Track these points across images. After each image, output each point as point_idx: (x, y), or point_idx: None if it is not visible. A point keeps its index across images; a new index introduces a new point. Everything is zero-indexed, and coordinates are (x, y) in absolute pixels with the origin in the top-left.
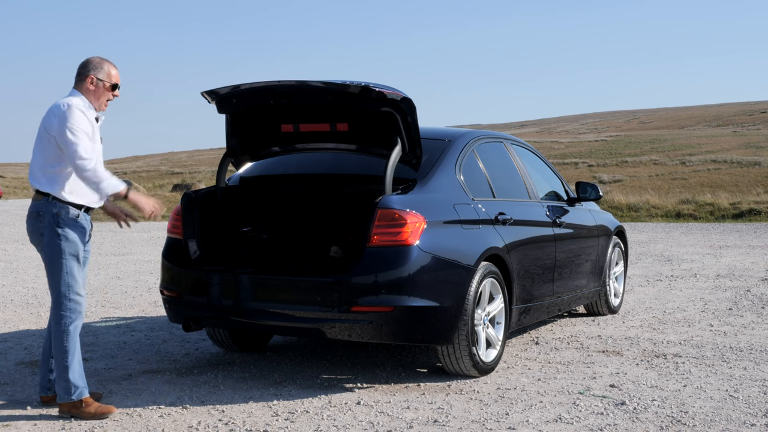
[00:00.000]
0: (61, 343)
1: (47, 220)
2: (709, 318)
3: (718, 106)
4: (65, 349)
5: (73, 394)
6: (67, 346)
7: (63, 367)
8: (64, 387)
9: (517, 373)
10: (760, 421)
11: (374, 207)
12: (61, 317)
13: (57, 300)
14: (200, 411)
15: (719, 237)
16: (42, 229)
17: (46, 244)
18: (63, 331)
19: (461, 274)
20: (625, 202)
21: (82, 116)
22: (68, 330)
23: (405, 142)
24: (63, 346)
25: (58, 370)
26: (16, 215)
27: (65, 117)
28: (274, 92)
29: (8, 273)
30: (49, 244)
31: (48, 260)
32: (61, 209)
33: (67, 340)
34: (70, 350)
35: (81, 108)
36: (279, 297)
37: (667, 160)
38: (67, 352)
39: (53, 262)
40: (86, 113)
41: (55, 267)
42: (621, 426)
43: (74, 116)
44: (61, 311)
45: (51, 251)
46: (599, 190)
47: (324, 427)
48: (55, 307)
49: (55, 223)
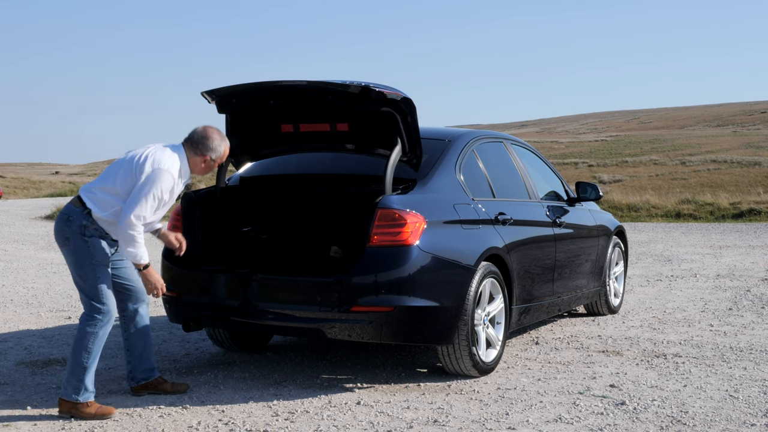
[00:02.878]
0: (87, 344)
1: (75, 228)
2: (709, 318)
3: (718, 106)
4: (89, 351)
5: (81, 396)
6: (92, 348)
7: (81, 368)
8: (75, 386)
9: (517, 373)
10: (760, 421)
11: (374, 207)
12: (92, 320)
13: (88, 304)
14: (200, 411)
15: (719, 237)
16: (69, 234)
17: (74, 249)
18: (92, 333)
19: (461, 274)
20: (625, 202)
21: (171, 183)
22: (98, 333)
23: (405, 142)
24: (88, 347)
25: (74, 369)
26: (16, 215)
27: (156, 178)
28: (273, 92)
29: (8, 273)
30: (76, 251)
31: (77, 265)
32: (91, 224)
33: (93, 342)
34: (93, 353)
35: (176, 175)
36: (279, 297)
37: (667, 160)
38: (90, 354)
39: (82, 267)
40: (177, 181)
41: (85, 272)
42: (621, 426)
43: (164, 182)
44: (94, 314)
45: (80, 257)
46: (599, 190)
47: (324, 427)
48: (87, 310)
49: (81, 232)
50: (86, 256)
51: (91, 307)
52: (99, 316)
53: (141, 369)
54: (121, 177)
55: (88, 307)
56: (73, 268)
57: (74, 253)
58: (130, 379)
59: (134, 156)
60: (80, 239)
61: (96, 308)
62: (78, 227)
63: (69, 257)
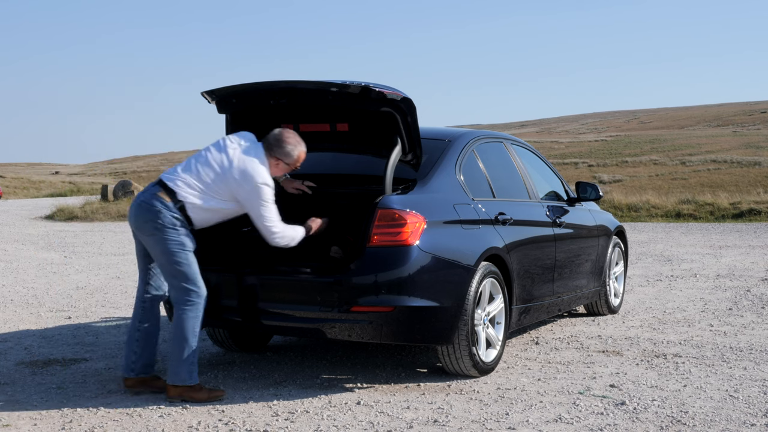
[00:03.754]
0: (195, 326)
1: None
2: (709, 318)
3: (718, 106)
4: (195, 333)
5: (193, 379)
6: (197, 330)
7: (192, 350)
8: (189, 370)
9: (517, 373)
10: (760, 421)
11: (374, 207)
12: (188, 303)
13: (183, 289)
14: (200, 411)
15: (719, 237)
16: (155, 222)
17: (162, 238)
18: (194, 317)
19: (461, 274)
20: (625, 202)
21: (270, 191)
22: (198, 315)
23: (405, 142)
24: (194, 330)
25: (185, 353)
26: (16, 215)
27: (260, 192)
28: (274, 92)
29: (8, 273)
30: (164, 239)
31: (166, 253)
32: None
33: (196, 324)
34: (198, 334)
35: (271, 183)
36: (279, 297)
37: (667, 160)
38: (196, 336)
39: (172, 254)
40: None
41: (175, 259)
42: (621, 426)
43: (267, 193)
44: (189, 297)
45: (168, 246)
46: (599, 190)
47: (324, 427)
48: (181, 295)
49: (171, 225)
50: (175, 243)
51: (186, 291)
52: (194, 298)
53: (143, 363)
54: (212, 176)
55: (182, 292)
56: (163, 254)
57: (163, 241)
58: (129, 369)
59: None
60: (169, 228)
61: (191, 291)
62: (170, 219)
63: (156, 246)
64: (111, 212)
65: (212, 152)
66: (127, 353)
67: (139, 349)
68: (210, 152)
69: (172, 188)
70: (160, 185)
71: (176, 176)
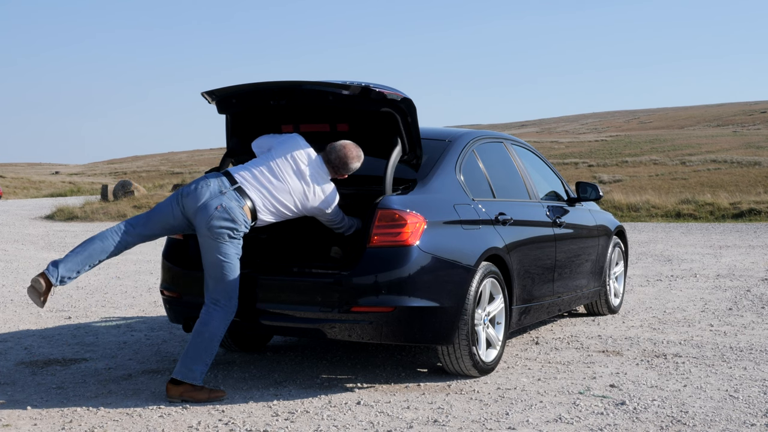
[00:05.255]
0: (218, 330)
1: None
2: (709, 318)
3: (718, 106)
4: (220, 337)
5: (202, 380)
6: (221, 334)
7: (211, 353)
8: (201, 370)
9: (517, 373)
10: (760, 421)
11: (374, 207)
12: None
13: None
14: (200, 411)
15: (719, 237)
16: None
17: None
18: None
19: (461, 275)
20: (625, 202)
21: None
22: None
23: (405, 142)
24: (220, 333)
25: (203, 353)
26: (16, 215)
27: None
28: (274, 93)
29: (8, 273)
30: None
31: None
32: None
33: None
34: (221, 339)
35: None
36: (279, 297)
37: (667, 160)
38: (219, 340)
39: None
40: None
41: (229, 267)
42: (621, 426)
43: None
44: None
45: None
46: (599, 190)
47: (324, 427)
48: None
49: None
50: (232, 253)
51: (225, 297)
52: (230, 304)
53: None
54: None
55: (220, 295)
56: (221, 262)
57: (224, 247)
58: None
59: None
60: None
61: (229, 298)
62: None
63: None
64: (111, 212)
65: (290, 176)
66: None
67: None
68: (288, 175)
69: (256, 208)
70: (243, 196)
71: (262, 198)
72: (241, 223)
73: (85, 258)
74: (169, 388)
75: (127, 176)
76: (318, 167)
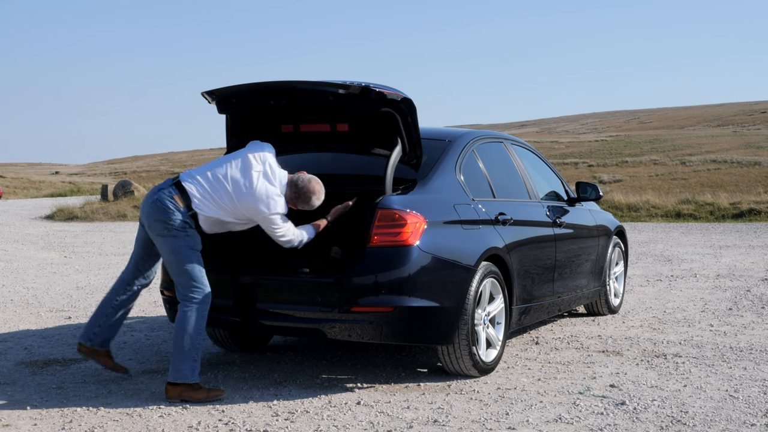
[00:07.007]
0: (197, 325)
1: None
2: (709, 318)
3: (718, 106)
4: (200, 331)
5: (196, 376)
6: (202, 328)
7: (195, 348)
8: (192, 367)
9: (517, 373)
10: (760, 421)
11: (374, 207)
12: (194, 301)
13: (188, 287)
14: (200, 411)
15: (719, 237)
16: (167, 223)
17: (172, 239)
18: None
19: (461, 274)
20: (625, 202)
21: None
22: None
23: (405, 142)
24: (199, 328)
25: (186, 350)
26: (16, 215)
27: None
28: (274, 93)
29: (8, 273)
30: (174, 240)
31: (174, 253)
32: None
33: (201, 322)
34: (202, 332)
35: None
36: (279, 297)
37: (667, 160)
38: (200, 334)
39: (180, 255)
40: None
41: (183, 259)
42: (621, 426)
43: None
44: (195, 296)
45: (177, 246)
46: (599, 190)
47: (324, 427)
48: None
49: (181, 228)
50: (183, 244)
51: (193, 290)
52: (202, 296)
53: (103, 338)
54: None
55: (188, 290)
56: (172, 255)
57: (174, 239)
58: (88, 338)
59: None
60: (180, 230)
61: (197, 290)
62: (180, 223)
63: (165, 246)
64: (111, 212)
65: (234, 170)
66: (92, 322)
67: (106, 324)
68: (231, 168)
69: (189, 195)
70: (177, 187)
71: (195, 184)
72: (172, 211)
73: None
74: (168, 389)
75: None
76: (273, 176)
